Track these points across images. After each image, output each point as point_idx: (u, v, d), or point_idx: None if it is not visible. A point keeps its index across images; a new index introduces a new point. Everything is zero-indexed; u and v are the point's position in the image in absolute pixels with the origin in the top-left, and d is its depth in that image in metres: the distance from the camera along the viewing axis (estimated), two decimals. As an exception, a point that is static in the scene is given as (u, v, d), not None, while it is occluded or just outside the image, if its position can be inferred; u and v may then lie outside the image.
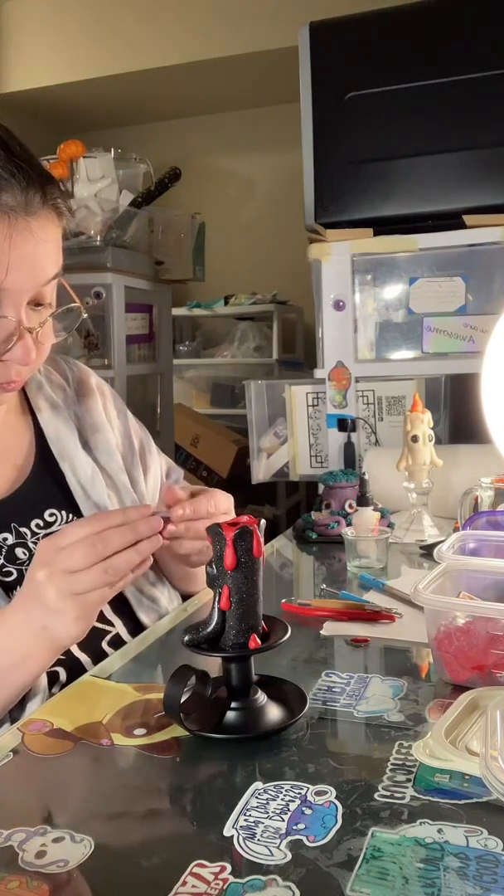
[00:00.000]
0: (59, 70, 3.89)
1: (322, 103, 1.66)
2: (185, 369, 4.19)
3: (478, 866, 0.47)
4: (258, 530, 0.64)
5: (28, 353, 0.79)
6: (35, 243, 0.76)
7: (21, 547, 0.86)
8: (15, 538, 0.87)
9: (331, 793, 0.55)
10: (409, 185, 1.62)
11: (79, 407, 1.00)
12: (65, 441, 0.95)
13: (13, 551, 0.86)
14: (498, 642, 0.70)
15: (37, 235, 0.76)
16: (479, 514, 1.04)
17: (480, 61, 1.55)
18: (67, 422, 0.97)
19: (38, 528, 0.89)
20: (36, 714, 0.69)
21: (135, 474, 1.03)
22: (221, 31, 3.58)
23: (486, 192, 1.57)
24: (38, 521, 0.89)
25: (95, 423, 1.00)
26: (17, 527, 0.87)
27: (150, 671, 0.77)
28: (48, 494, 0.92)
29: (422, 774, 0.57)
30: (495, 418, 0.96)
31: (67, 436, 0.96)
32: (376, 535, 1.13)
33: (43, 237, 0.77)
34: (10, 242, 0.74)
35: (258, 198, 4.40)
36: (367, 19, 1.66)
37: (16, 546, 0.86)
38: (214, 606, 0.64)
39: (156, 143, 4.16)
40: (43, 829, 0.52)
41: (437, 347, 1.62)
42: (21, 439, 0.94)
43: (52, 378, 1.01)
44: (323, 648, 0.84)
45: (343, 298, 1.65)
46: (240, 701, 0.65)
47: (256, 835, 0.50)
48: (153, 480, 1.07)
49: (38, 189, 0.76)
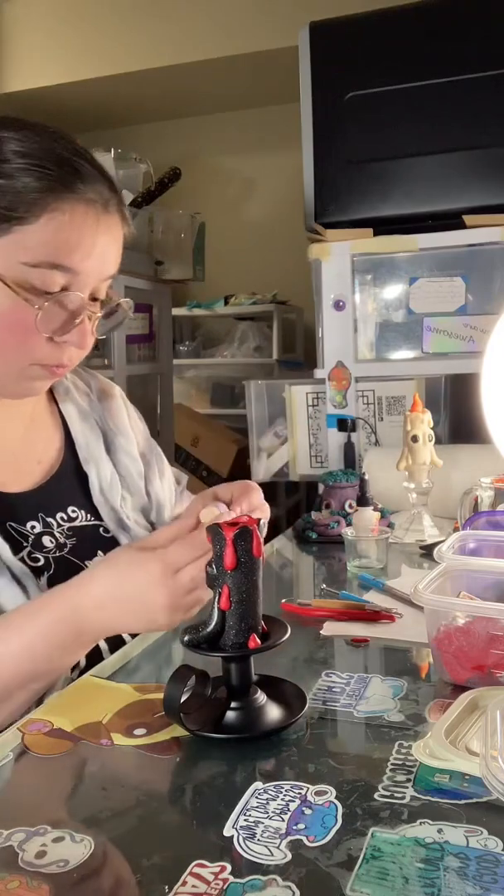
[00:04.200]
0: (59, 70, 3.89)
1: (322, 103, 1.66)
2: (185, 369, 4.19)
3: (478, 866, 0.47)
4: (258, 530, 0.64)
5: (85, 336, 0.83)
6: (109, 239, 0.83)
7: (48, 535, 0.90)
8: (42, 527, 0.90)
9: (331, 793, 0.55)
10: (409, 185, 1.62)
11: (102, 413, 1.05)
12: (92, 447, 1.00)
13: (40, 539, 0.89)
14: (498, 642, 0.70)
15: (111, 232, 0.83)
16: (479, 514, 1.04)
17: (480, 61, 1.55)
18: (94, 428, 1.02)
19: (63, 520, 0.93)
20: (36, 714, 0.69)
21: (151, 477, 1.07)
22: (221, 31, 3.57)
23: (486, 192, 1.57)
24: (62, 514, 0.93)
25: (118, 429, 1.05)
26: (45, 517, 0.91)
27: (150, 671, 0.77)
28: (72, 492, 0.96)
29: (422, 774, 0.57)
30: (495, 418, 0.96)
31: (94, 441, 1.01)
32: (376, 535, 1.13)
33: (115, 235, 0.84)
34: (95, 231, 0.81)
35: (258, 198, 4.40)
36: (367, 19, 1.66)
37: (43, 534, 0.90)
38: (214, 606, 0.64)
39: (156, 143, 4.16)
40: (43, 829, 0.52)
41: (437, 347, 1.62)
42: (50, 441, 0.98)
43: (77, 385, 1.06)
44: (323, 648, 0.84)
45: (343, 298, 1.65)
46: (240, 701, 0.65)
47: (256, 835, 0.50)
48: (168, 484, 1.11)
49: (113, 192, 0.84)
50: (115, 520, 0.96)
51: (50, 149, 0.80)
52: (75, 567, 0.89)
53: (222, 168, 4.42)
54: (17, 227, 0.77)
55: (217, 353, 4.20)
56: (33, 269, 0.78)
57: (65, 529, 0.92)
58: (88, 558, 0.91)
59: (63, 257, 0.79)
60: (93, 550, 0.92)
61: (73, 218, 0.79)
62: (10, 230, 0.77)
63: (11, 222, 0.77)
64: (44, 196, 0.78)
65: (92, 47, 3.80)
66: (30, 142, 0.80)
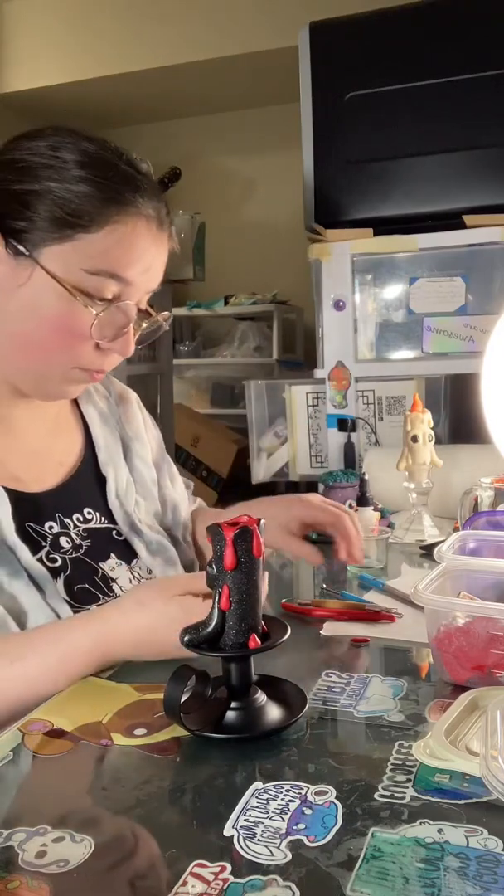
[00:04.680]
0: (59, 70, 3.89)
1: (322, 103, 1.66)
2: (185, 369, 4.20)
3: (478, 866, 0.47)
4: (258, 530, 0.64)
5: (129, 345, 0.86)
6: (160, 254, 0.87)
7: (65, 536, 0.90)
8: (60, 528, 0.91)
9: (331, 793, 0.55)
10: (409, 185, 1.62)
11: (120, 418, 1.06)
12: (111, 450, 1.01)
13: (58, 540, 0.89)
14: (498, 642, 0.70)
15: (163, 247, 0.87)
16: (479, 514, 1.04)
17: (480, 61, 1.55)
18: (113, 432, 1.03)
19: (79, 521, 0.93)
20: (36, 714, 0.69)
21: (164, 482, 1.09)
22: (221, 31, 3.58)
23: (486, 192, 1.57)
24: (78, 515, 0.93)
25: (135, 434, 1.06)
26: (62, 517, 0.91)
27: (150, 671, 0.77)
28: (89, 494, 0.96)
29: (422, 774, 0.57)
30: (495, 418, 0.95)
31: (113, 445, 1.02)
32: (376, 535, 1.13)
33: (165, 250, 0.88)
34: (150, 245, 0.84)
35: (258, 198, 4.40)
36: (367, 19, 1.66)
37: (60, 535, 0.90)
38: (214, 606, 0.64)
39: (156, 143, 4.16)
40: (43, 829, 0.52)
41: (437, 347, 1.62)
42: (72, 443, 0.99)
43: (97, 388, 1.07)
44: (323, 648, 0.84)
45: (343, 298, 1.65)
46: (240, 701, 0.65)
47: (256, 835, 0.50)
48: (180, 486, 1.13)
49: (166, 210, 0.88)
50: (129, 523, 0.97)
51: (114, 163, 0.83)
52: (90, 568, 0.90)
53: (222, 168, 4.42)
54: (80, 235, 0.80)
55: (217, 353, 4.20)
56: (91, 276, 0.80)
57: (80, 531, 0.92)
58: (102, 560, 0.92)
59: (122, 268, 0.82)
60: (106, 552, 0.93)
61: (134, 231, 0.82)
62: (74, 237, 0.80)
63: (76, 229, 0.80)
64: (108, 207, 0.80)
65: (92, 47, 3.80)
66: (95, 155, 0.82)
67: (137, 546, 0.97)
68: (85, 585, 0.88)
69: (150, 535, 0.99)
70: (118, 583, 0.92)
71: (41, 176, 0.80)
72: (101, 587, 0.90)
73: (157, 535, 1.00)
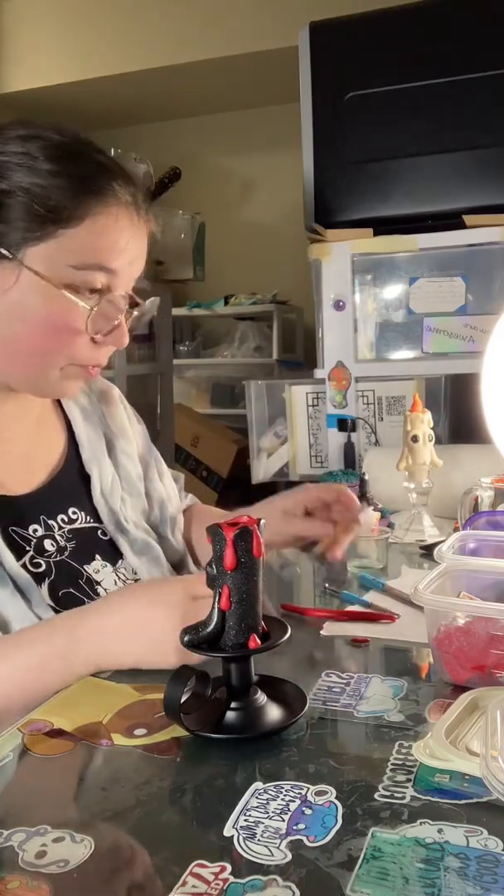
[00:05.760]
0: (59, 70, 3.89)
1: (322, 103, 1.66)
2: (185, 369, 4.19)
3: (478, 866, 0.47)
4: (258, 530, 0.64)
5: (123, 336, 0.86)
6: (142, 238, 0.85)
7: (49, 539, 0.89)
8: (44, 530, 0.89)
9: (331, 793, 0.55)
10: (409, 185, 1.62)
11: (103, 414, 1.05)
12: (95, 447, 1.00)
13: (42, 543, 0.88)
14: (498, 642, 0.70)
15: (143, 231, 0.85)
16: (479, 514, 1.04)
17: (480, 61, 1.55)
18: (96, 428, 1.02)
19: (64, 522, 0.92)
20: (36, 714, 0.69)
21: (152, 476, 1.08)
22: (221, 30, 3.57)
23: (486, 192, 1.57)
24: (62, 516, 0.92)
25: (119, 430, 1.05)
26: (46, 519, 0.90)
27: (150, 671, 0.77)
28: (73, 493, 0.95)
29: (422, 774, 0.57)
30: (495, 418, 0.95)
31: (97, 442, 1.00)
32: (376, 534, 1.13)
33: (145, 234, 0.86)
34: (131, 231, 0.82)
35: (258, 198, 4.40)
36: (367, 19, 1.66)
37: (45, 538, 0.88)
38: (214, 606, 0.64)
39: (156, 143, 4.16)
40: (43, 829, 0.52)
41: (437, 347, 1.62)
42: (55, 441, 0.98)
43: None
44: (323, 648, 0.84)
45: (343, 298, 1.65)
46: (240, 701, 0.65)
47: (256, 835, 0.50)
48: (168, 481, 1.12)
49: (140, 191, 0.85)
50: (114, 521, 0.96)
51: (85, 153, 0.81)
52: (75, 572, 0.89)
53: (222, 168, 4.42)
54: (62, 231, 0.78)
55: (217, 353, 4.19)
56: (79, 271, 0.79)
57: (65, 532, 0.91)
58: (87, 562, 0.91)
59: (109, 260, 0.80)
60: (91, 554, 0.92)
61: (116, 221, 0.81)
62: (56, 234, 0.78)
63: (57, 225, 0.78)
64: (85, 199, 0.78)
65: (92, 47, 3.80)
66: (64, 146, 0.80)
67: (122, 546, 0.95)
68: (70, 590, 0.87)
69: (136, 534, 0.97)
70: (102, 585, 0.91)
71: (11, 174, 0.78)
72: (86, 591, 0.89)
73: (143, 534, 0.99)
